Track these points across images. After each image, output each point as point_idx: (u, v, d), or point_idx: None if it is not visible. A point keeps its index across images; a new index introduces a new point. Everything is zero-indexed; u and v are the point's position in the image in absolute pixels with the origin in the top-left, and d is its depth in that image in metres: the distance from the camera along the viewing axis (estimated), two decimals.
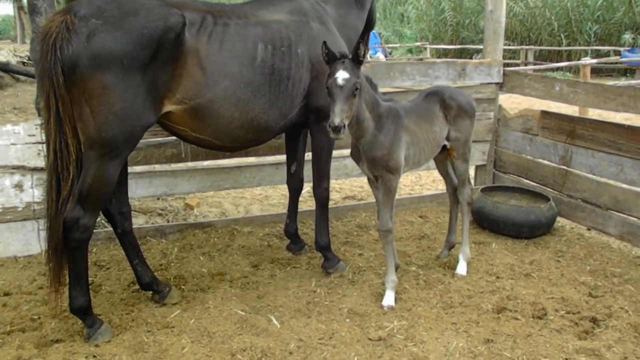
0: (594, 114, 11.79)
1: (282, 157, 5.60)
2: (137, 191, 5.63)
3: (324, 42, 3.91)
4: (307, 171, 5.21)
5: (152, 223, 6.36)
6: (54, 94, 3.57)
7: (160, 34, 3.71)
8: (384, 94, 4.85)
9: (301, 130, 5.11)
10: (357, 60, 3.87)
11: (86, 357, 3.73)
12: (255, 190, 7.75)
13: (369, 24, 5.36)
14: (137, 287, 4.57)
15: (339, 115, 3.71)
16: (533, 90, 6.58)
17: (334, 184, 7.87)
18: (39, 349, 3.82)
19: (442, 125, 4.67)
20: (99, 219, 4.78)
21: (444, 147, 4.80)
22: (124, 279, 4.88)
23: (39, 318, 4.22)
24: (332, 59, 3.91)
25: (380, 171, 4.25)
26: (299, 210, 5.52)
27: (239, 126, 4.21)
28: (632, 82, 16.89)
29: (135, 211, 6.49)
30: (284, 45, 4.35)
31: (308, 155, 5.26)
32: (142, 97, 3.71)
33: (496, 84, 6.88)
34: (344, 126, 3.71)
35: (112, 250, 5.49)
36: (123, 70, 3.59)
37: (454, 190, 5.15)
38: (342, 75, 3.79)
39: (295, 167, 5.27)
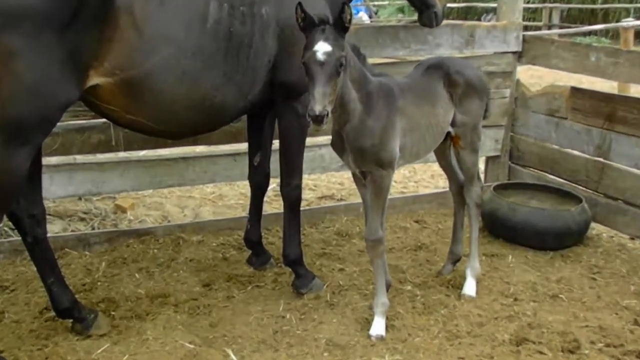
0: (638, 91, 11.88)
1: (242, 146, 5.58)
2: (53, 189, 5.56)
3: (299, 3, 3.89)
4: (275, 164, 5.18)
5: (73, 230, 6.30)
6: None
7: None
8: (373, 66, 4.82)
9: (266, 113, 5.08)
10: (341, 26, 3.83)
11: None
12: (207, 188, 7.71)
13: None
14: (53, 314, 4.50)
15: (320, 102, 3.65)
16: (561, 61, 6.60)
17: (307, 180, 7.84)
18: None
19: (446, 107, 4.68)
20: (2, 224, 4.71)
21: (448, 134, 4.81)
22: (34, 304, 4.82)
23: None
24: (309, 26, 3.86)
25: (370, 165, 4.24)
26: (263, 213, 5.51)
27: (186, 106, 4.20)
28: None
29: (50, 215, 6.38)
30: (245, 3, 4.33)
31: (276, 144, 5.23)
32: (59, 67, 3.66)
33: (514, 53, 6.90)
34: (327, 114, 3.66)
35: (19, 266, 5.42)
36: (35, 31, 3.53)
37: (459, 189, 5.16)
38: (322, 48, 3.73)
39: (260, 159, 5.26)
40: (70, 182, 5.65)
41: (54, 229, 6.21)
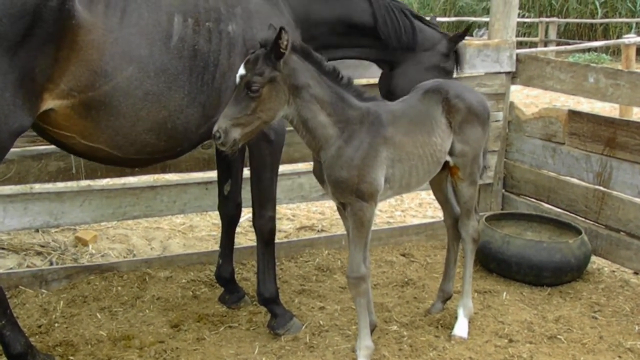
0: None
1: (214, 174, 5.56)
2: (7, 221, 5.53)
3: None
4: (248, 193, 5.16)
5: (29, 266, 6.26)
6: None
7: (37, 2, 3.66)
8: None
9: None
10: (276, 52, 3.93)
11: None
12: (176, 219, 7.70)
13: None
14: (5, 359, 4.45)
15: (219, 121, 3.90)
16: (558, 82, 6.64)
17: (285, 209, 7.85)
18: None
19: (445, 135, 4.66)
20: None
21: (446, 164, 4.79)
22: None
23: None
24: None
25: (349, 197, 4.25)
26: (237, 246, 5.47)
27: (147, 130, 4.22)
28: None
29: (3, 249, 6.39)
30: (210, 19, 4.37)
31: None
32: (12, 91, 3.66)
33: (507, 73, 6.95)
34: (225, 134, 3.86)
35: None
36: None
37: (454, 222, 5.16)
38: (239, 71, 3.97)
39: (230, 188, 5.26)
40: (26, 213, 5.59)
41: (7, 264, 6.18)
